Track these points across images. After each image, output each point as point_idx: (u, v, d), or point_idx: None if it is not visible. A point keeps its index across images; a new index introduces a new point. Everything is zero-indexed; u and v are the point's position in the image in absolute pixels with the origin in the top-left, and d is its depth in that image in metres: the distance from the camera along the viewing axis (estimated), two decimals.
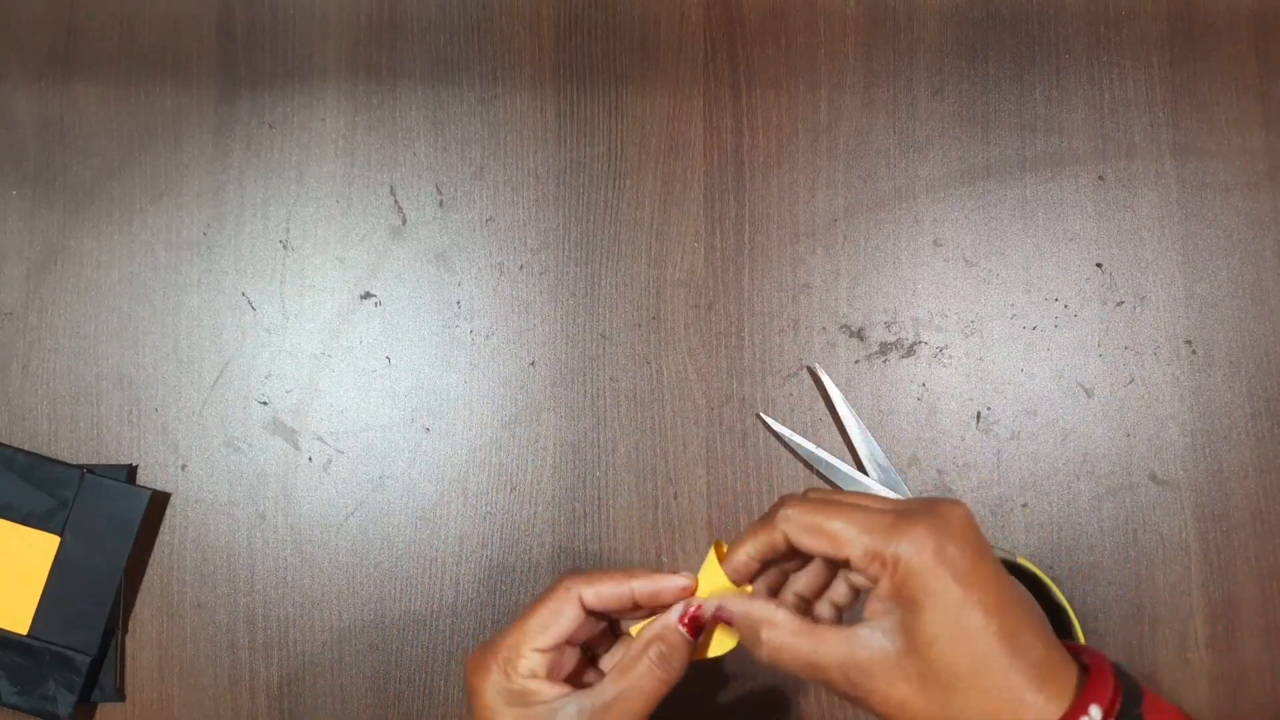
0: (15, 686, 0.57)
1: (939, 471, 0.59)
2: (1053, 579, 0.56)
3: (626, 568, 0.44)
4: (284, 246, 0.61)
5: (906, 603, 0.37)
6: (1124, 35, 0.63)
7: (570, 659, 0.44)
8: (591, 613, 0.43)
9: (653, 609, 0.43)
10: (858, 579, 0.41)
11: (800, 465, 0.59)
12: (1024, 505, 0.59)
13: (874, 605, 0.38)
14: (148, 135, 0.62)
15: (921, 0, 0.63)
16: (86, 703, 0.58)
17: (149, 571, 0.59)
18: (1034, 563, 0.56)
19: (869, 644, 0.37)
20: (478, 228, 0.62)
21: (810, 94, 0.62)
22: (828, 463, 0.58)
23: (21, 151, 0.62)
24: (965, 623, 0.36)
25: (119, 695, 0.58)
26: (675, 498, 0.59)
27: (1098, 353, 0.60)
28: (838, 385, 0.60)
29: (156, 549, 0.59)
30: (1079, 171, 0.62)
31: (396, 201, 0.62)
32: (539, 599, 0.43)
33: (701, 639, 0.43)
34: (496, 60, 0.63)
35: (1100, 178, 0.62)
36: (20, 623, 0.57)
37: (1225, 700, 0.57)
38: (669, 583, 0.43)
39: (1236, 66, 0.62)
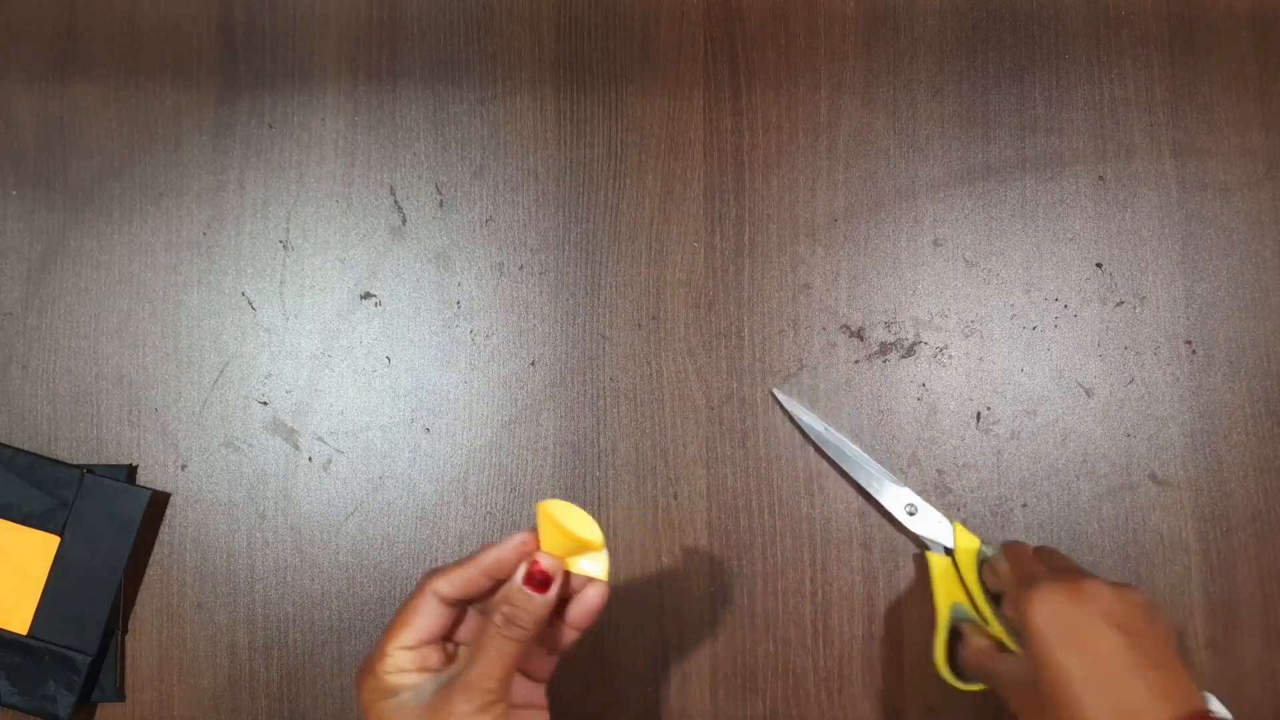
0: (15, 686, 0.57)
1: (939, 471, 0.59)
2: None
3: (477, 551, 0.44)
4: (284, 246, 0.61)
5: (1031, 648, 0.47)
6: (1124, 35, 0.63)
7: (446, 651, 0.45)
8: (456, 603, 0.44)
9: (504, 579, 0.43)
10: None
11: (799, 466, 0.59)
12: (1024, 505, 0.59)
13: (1021, 644, 0.49)
14: (148, 135, 0.62)
15: (921, 0, 0.63)
16: (86, 703, 0.58)
17: (149, 571, 0.59)
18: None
19: (1016, 670, 0.49)
20: (478, 228, 0.61)
21: (810, 94, 0.62)
22: (836, 445, 0.58)
23: (21, 151, 0.62)
24: (1070, 671, 0.45)
25: (119, 695, 0.58)
26: (675, 498, 0.59)
27: (1098, 353, 0.60)
28: (838, 385, 0.60)
29: (156, 549, 0.59)
30: (1079, 171, 0.62)
31: (396, 201, 0.62)
32: (405, 601, 0.44)
33: (559, 591, 0.43)
34: (496, 60, 0.63)
35: (1100, 178, 0.62)
36: (20, 623, 0.57)
37: (1225, 700, 0.57)
38: (508, 545, 0.43)
39: (1236, 66, 0.62)
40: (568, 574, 0.44)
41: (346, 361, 0.61)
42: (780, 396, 0.59)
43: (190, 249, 0.61)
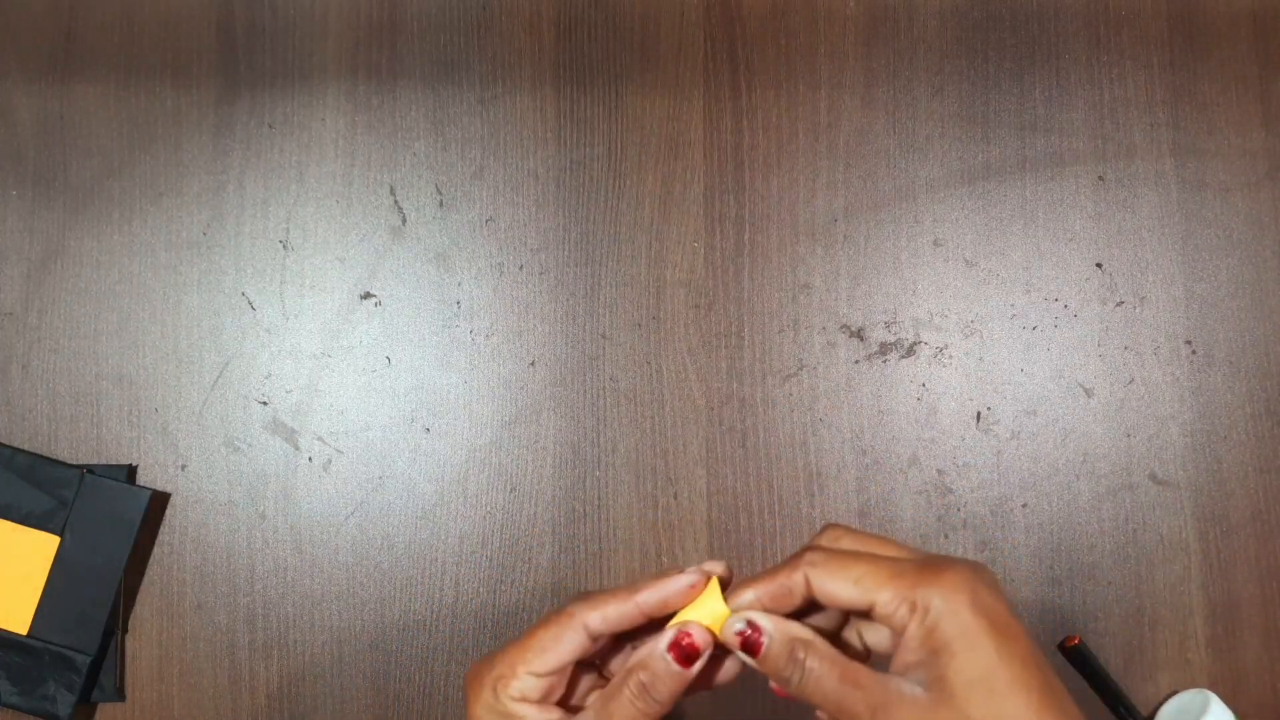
0: (15, 686, 0.57)
1: (939, 471, 0.59)
2: (1052, 579, 0.56)
3: (631, 584, 0.40)
4: (284, 246, 0.61)
5: (938, 649, 0.36)
6: (1124, 35, 0.63)
7: (572, 678, 0.42)
8: (599, 637, 0.40)
9: (668, 616, 0.40)
10: (874, 633, 0.40)
11: (799, 466, 0.59)
12: (1024, 505, 0.59)
13: (904, 656, 0.37)
14: (148, 135, 0.62)
15: (921, 0, 0.63)
16: (86, 703, 0.58)
17: (149, 571, 0.59)
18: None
19: (901, 690, 0.36)
20: (478, 228, 0.62)
21: (810, 94, 0.62)
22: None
23: (21, 151, 0.62)
24: (1002, 673, 0.35)
25: (119, 695, 0.58)
26: (675, 498, 0.59)
27: (1098, 353, 0.60)
28: (838, 385, 0.60)
29: (156, 549, 0.59)
30: (1079, 171, 0.62)
31: (396, 201, 0.62)
32: (543, 620, 0.40)
33: (702, 668, 0.39)
34: (496, 60, 0.63)
35: (1100, 178, 0.62)
36: (20, 623, 0.57)
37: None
38: (675, 585, 0.39)
39: (1236, 66, 0.62)
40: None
41: (346, 361, 0.61)
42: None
43: (190, 249, 0.61)
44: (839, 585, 0.37)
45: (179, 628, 0.59)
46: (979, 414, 0.60)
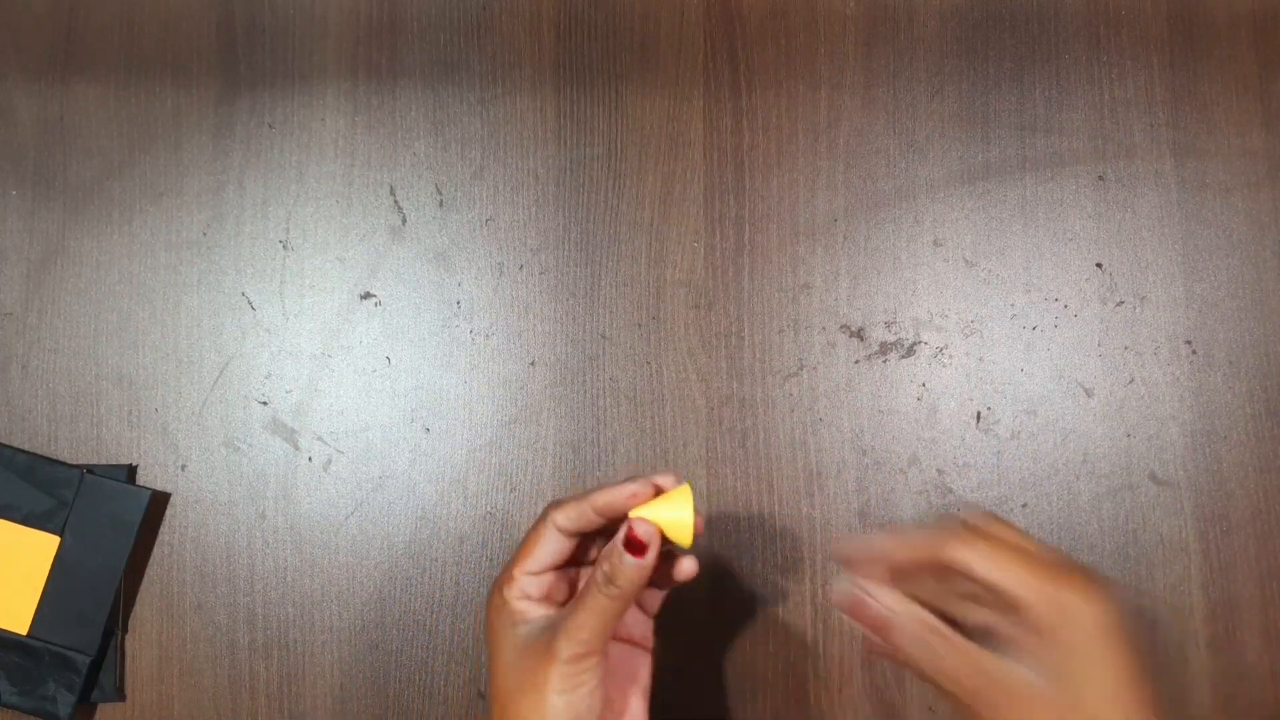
0: (15, 686, 0.57)
1: (939, 471, 0.59)
2: None
3: (595, 487, 0.45)
4: (284, 246, 0.61)
5: (1071, 648, 0.39)
6: (1124, 35, 0.63)
7: (570, 581, 0.47)
8: (573, 535, 0.46)
9: (617, 519, 0.45)
10: (977, 611, 0.42)
11: (799, 466, 0.59)
12: (1024, 505, 0.59)
13: (1028, 645, 0.40)
14: (148, 135, 0.62)
15: (921, 0, 0.63)
16: (86, 703, 0.58)
17: (149, 571, 0.59)
18: None
19: (1014, 673, 0.39)
20: (478, 228, 0.62)
21: (810, 94, 0.62)
22: None
23: (21, 151, 0.62)
24: (1120, 680, 0.39)
25: (119, 695, 0.58)
26: None
27: (1098, 353, 0.60)
28: (838, 385, 0.60)
29: (156, 549, 0.59)
30: (1079, 171, 0.62)
31: (396, 201, 0.62)
32: (528, 531, 0.46)
33: (658, 564, 0.44)
34: (496, 60, 0.63)
35: (1100, 178, 0.62)
36: (20, 623, 0.57)
37: (1225, 700, 0.57)
38: (622, 491, 0.45)
39: (1236, 66, 0.62)
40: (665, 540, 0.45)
41: (346, 361, 0.61)
42: None
43: (190, 249, 0.61)
44: (988, 567, 0.40)
45: (179, 628, 0.59)
46: (979, 414, 0.60)
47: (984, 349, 0.60)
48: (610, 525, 0.45)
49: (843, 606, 0.43)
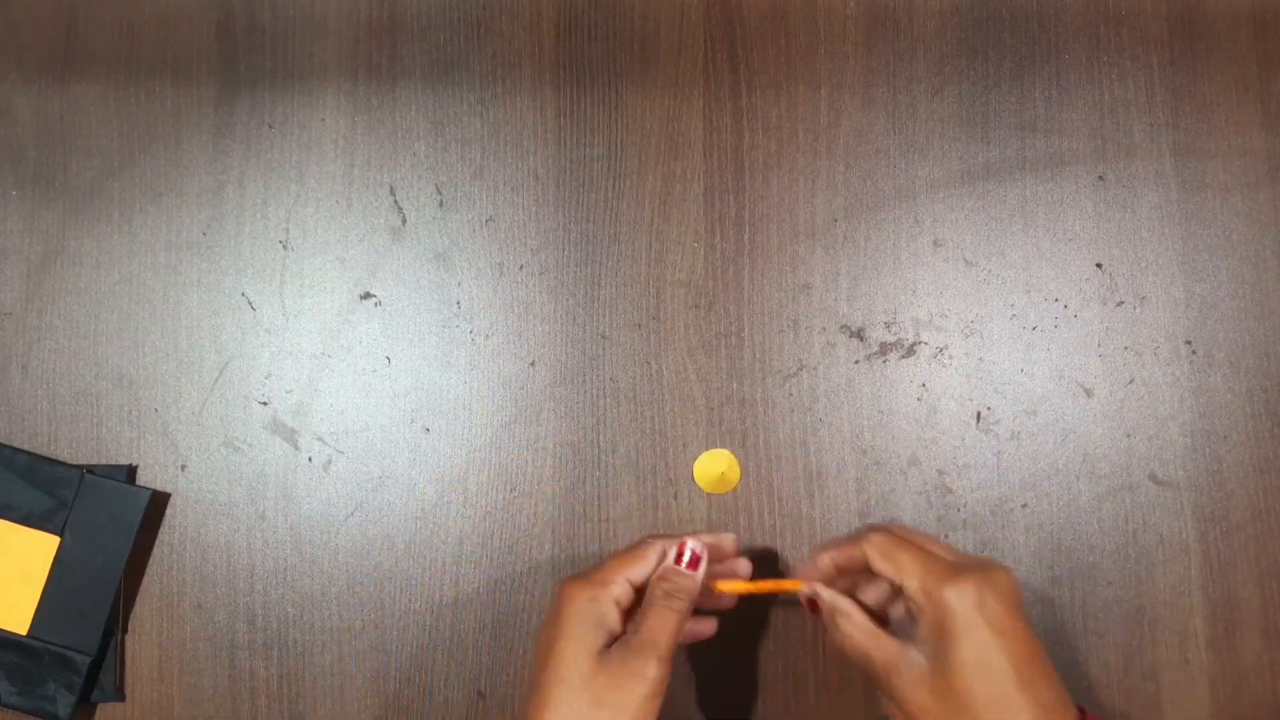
0: (15, 686, 0.57)
1: (939, 471, 0.59)
2: (1052, 579, 0.56)
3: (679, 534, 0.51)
4: (284, 246, 0.61)
5: (944, 635, 0.45)
6: (1124, 35, 0.63)
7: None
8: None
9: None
10: (909, 605, 0.49)
11: (799, 466, 0.59)
12: (1024, 505, 0.59)
13: (919, 633, 0.47)
14: (148, 135, 0.62)
15: (921, 0, 0.63)
16: (86, 703, 0.58)
17: (149, 571, 0.59)
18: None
19: (910, 657, 0.47)
20: (478, 228, 0.62)
21: (810, 94, 0.62)
22: None
23: (21, 151, 0.62)
24: (988, 661, 0.45)
25: (119, 695, 0.58)
26: (675, 498, 0.59)
27: (1098, 353, 0.60)
28: (838, 385, 0.60)
29: (156, 549, 0.59)
30: (1079, 171, 0.62)
31: (396, 201, 0.62)
32: (629, 548, 0.51)
33: (714, 582, 0.52)
34: (496, 60, 0.63)
35: (1100, 178, 0.62)
36: (20, 623, 0.57)
37: (1225, 700, 0.57)
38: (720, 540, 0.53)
39: (1236, 66, 0.62)
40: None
41: (346, 361, 0.61)
42: None
43: (190, 249, 0.61)
44: (884, 564, 0.48)
45: (179, 628, 0.59)
46: (979, 414, 0.60)
47: (984, 349, 0.60)
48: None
49: (803, 600, 0.52)
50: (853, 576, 0.51)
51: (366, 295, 0.61)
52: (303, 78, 0.62)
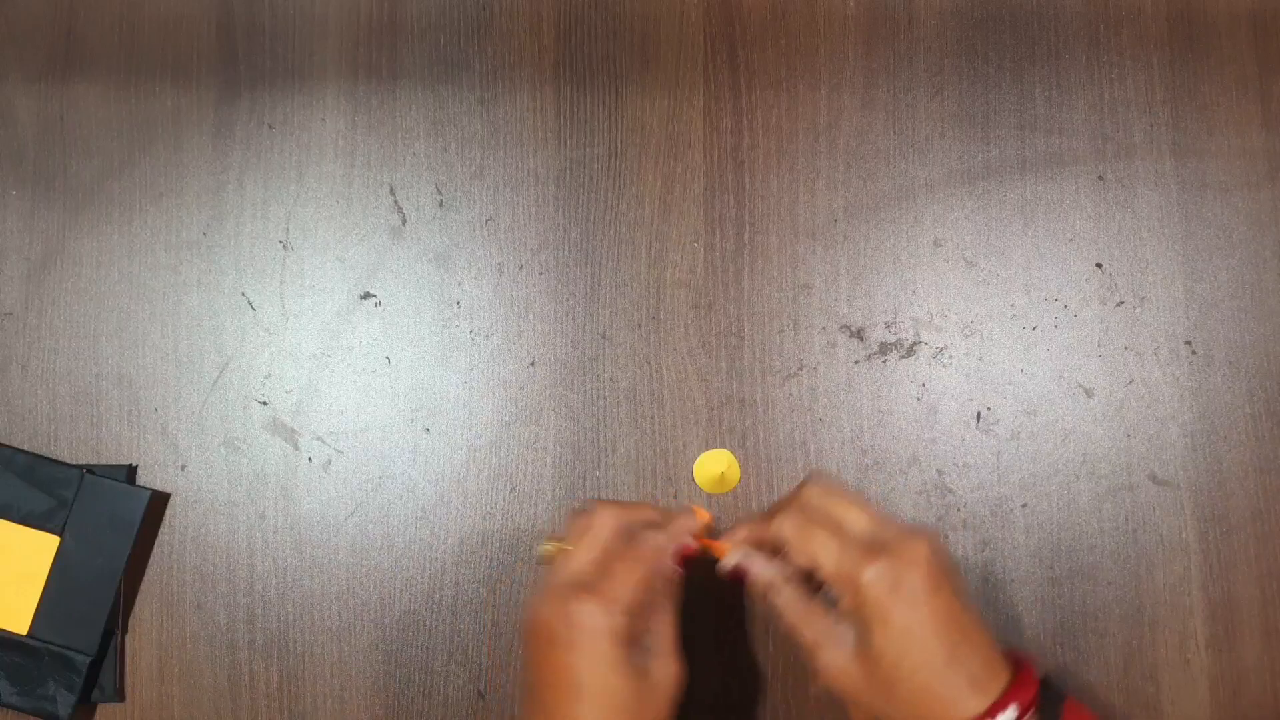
0: (15, 686, 0.57)
1: (939, 471, 0.59)
2: (1052, 579, 0.56)
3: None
4: (284, 246, 0.61)
5: (863, 620, 0.45)
6: (1124, 35, 0.63)
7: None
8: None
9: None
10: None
11: (799, 465, 0.59)
12: (1024, 505, 0.59)
13: (842, 611, 0.46)
14: (148, 135, 0.62)
15: (921, 0, 0.63)
16: (86, 703, 0.58)
17: (149, 571, 0.59)
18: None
19: (835, 634, 0.46)
20: (478, 228, 0.62)
21: (810, 94, 0.62)
22: None
23: (21, 151, 0.62)
24: (909, 642, 0.44)
25: (119, 695, 0.58)
26: (675, 498, 0.59)
27: (1098, 353, 0.60)
28: (838, 385, 0.60)
29: (156, 549, 0.59)
30: (1079, 171, 0.62)
31: (396, 201, 0.62)
32: (630, 548, 0.49)
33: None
34: (496, 60, 0.63)
35: (1100, 178, 0.62)
36: (20, 623, 0.57)
37: (1225, 700, 0.57)
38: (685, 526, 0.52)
39: (1236, 66, 0.62)
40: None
41: (346, 361, 0.61)
42: None
43: (190, 249, 0.61)
44: (798, 549, 0.48)
45: (179, 628, 0.59)
46: (979, 414, 0.60)
47: (984, 349, 0.60)
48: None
49: (723, 574, 0.50)
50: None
51: (366, 295, 0.61)
52: (303, 78, 0.62)
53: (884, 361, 0.60)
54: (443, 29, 0.63)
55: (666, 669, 0.47)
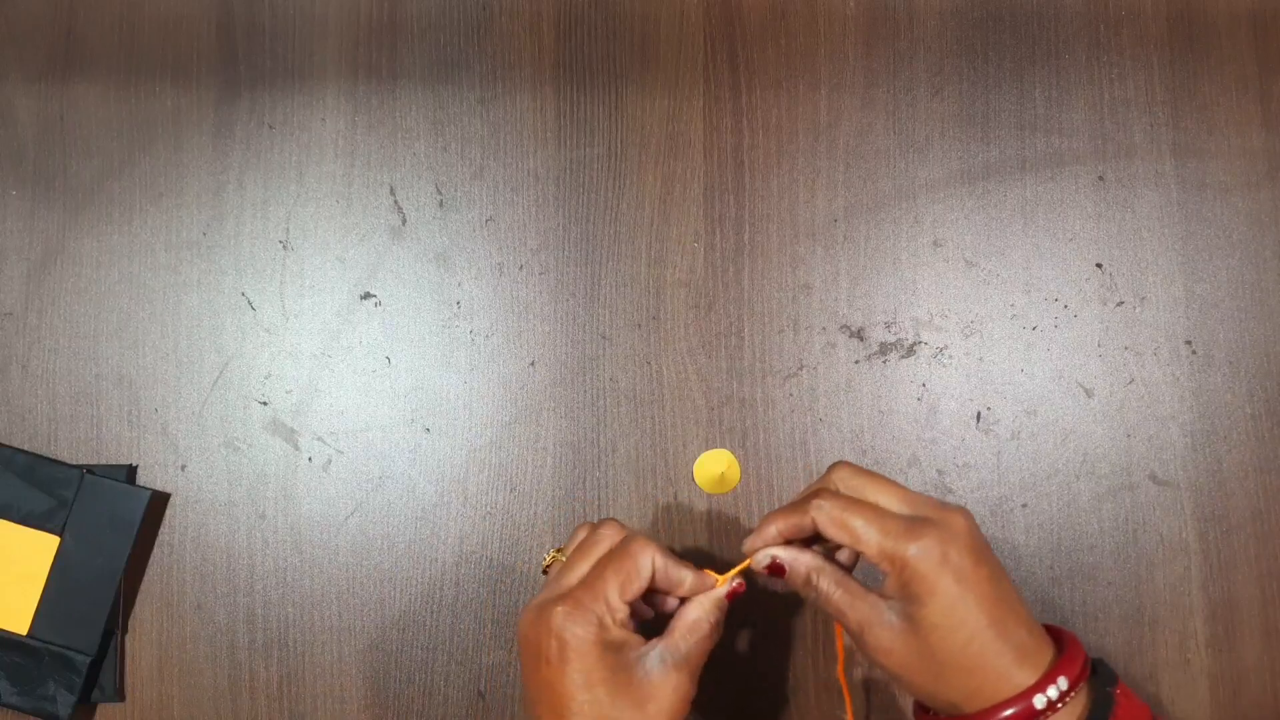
0: (15, 686, 0.57)
1: (939, 471, 0.59)
2: (1052, 579, 0.56)
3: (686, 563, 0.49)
4: (284, 246, 0.61)
5: (911, 596, 0.44)
6: (1124, 35, 0.63)
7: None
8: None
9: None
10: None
11: (799, 465, 0.59)
12: (1024, 505, 0.59)
13: (888, 589, 0.45)
14: (148, 135, 0.62)
15: (921, 0, 0.63)
16: (86, 703, 0.58)
17: (149, 571, 0.59)
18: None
19: (882, 613, 0.45)
20: (478, 228, 0.62)
21: (810, 94, 0.62)
22: None
23: (21, 151, 0.62)
24: (959, 615, 0.44)
25: (119, 695, 0.58)
26: (675, 498, 0.59)
27: (1098, 353, 0.60)
28: (838, 385, 0.60)
29: (156, 549, 0.59)
30: (1079, 171, 0.62)
31: (396, 201, 0.62)
32: (612, 554, 0.47)
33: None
34: (496, 60, 0.63)
35: (1100, 178, 0.62)
36: (20, 623, 0.57)
37: (1225, 700, 0.57)
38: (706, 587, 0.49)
39: (1236, 66, 0.62)
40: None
41: (346, 361, 0.61)
42: None
43: (190, 249, 0.61)
44: (838, 533, 0.46)
45: (179, 628, 0.59)
46: (979, 414, 0.60)
47: (984, 349, 0.60)
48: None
49: (758, 569, 0.49)
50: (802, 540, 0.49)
51: (366, 295, 0.61)
52: (303, 78, 0.62)
53: (884, 361, 0.60)
54: (443, 29, 0.63)
55: (673, 683, 0.46)
